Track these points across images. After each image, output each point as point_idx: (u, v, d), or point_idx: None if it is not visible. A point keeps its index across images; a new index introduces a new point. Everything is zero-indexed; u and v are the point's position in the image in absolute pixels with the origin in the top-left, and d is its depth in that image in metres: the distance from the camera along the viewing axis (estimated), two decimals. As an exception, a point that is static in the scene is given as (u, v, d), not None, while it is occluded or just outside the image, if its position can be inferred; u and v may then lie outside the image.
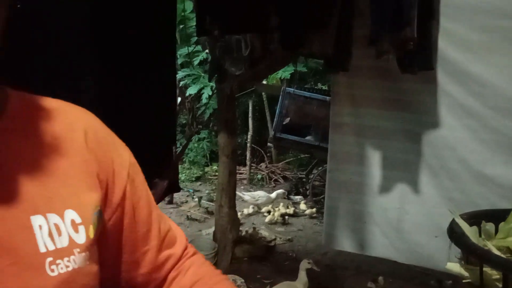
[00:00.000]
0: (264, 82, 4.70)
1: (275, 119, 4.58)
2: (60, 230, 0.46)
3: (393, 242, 2.45)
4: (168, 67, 2.93)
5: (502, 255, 1.03)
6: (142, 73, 2.45)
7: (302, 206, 4.30)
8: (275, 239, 3.38)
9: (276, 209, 4.08)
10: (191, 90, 5.78)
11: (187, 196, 4.86)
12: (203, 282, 0.61)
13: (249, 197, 4.22)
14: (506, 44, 2.07)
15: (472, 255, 1.04)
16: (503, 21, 2.04)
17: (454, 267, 1.12)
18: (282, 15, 1.83)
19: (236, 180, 3.14)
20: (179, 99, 5.42)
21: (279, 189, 5.41)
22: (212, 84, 4.37)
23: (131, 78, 2.36)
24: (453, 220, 1.14)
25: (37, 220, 0.44)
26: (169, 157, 2.95)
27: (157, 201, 2.78)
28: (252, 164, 6.25)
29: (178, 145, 6.80)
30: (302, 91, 4.47)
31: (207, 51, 4.29)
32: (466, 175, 2.19)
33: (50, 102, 0.54)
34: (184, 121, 7.42)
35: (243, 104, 6.52)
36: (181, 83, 6.09)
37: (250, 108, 5.94)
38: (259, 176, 5.88)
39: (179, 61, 6.39)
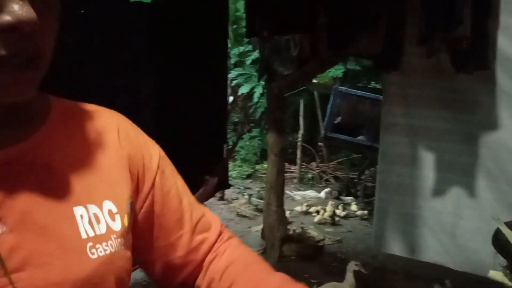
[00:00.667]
0: (316, 81, 4.67)
1: (326, 118, 4.54)
2: (99, 218, 0.52)
3: (447, 248, 2.36)
4: (220, 68, 3.02)
5: None
6: (195, 74, 2.54)
7: (353, 207, 4.24)
8: (323, 240, 3.36)
9: (326, 209, 4.05)
10: (243, 89, 5.88)
11: (238, 193, 4.95)
12: (237, 262, 0.64)
13: (299, 197, 4.23)
14: None
15: None
16: None
17: (497, 275, 1.07)
18: (329, 15, 1.82)
19: (285, 179, 3.16)
20: (231, 98, 5.55)
21: (332, 190, 5.37)
22: (263, 83, 4.42)
23: (184, 80, 2.46)
24: (498, 228, 1.09)
25: (78, 211, 0.51)
26: (220, 155, 3.04)
27: (208, 197, 2.88)
28: (303, 163, 6.24)
29: (230, 143, 6.95)
30: (354, 90, 4.40)
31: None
32: (526, 179, 2.07)
33: (86, 106, 0.60)
34: (236, 120, 7.56)
35: (294, 103, 6.52)
36: (234, 82, 6.21)
37: (301, 107, 5.93)
38: (310, 176, 5.86)
39: (232, 61, 6.53)
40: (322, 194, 4.19)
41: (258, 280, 0.61)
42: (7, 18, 0.40)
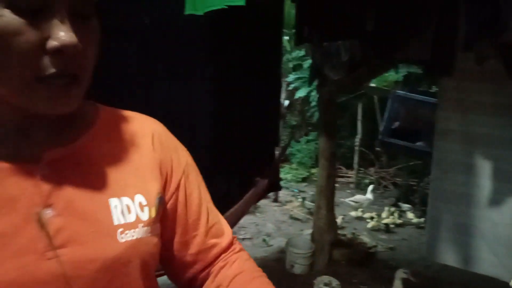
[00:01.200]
0: (374, 84, 4.59)
1: (383, 123, 4.45)
2: (130, 209, 0.61)
3: (504, 261, 2.25)
4: (273, 73, 3.08)
5: None
6: (249, 79, 2.63)
7: (410, 214, 4.12)
8: (375, 246, 3.31)
9: (380, 215, 3.98)
10: (300, 93, 5.91)
11: (292, 196, 4.98)
12: (244, 274, 0.71)
13: (351, 202, 4.19)
14: None
15: None
16: None
17: None
18: (377, 21, 1.83)
19: (341, 184, 3.16)
20: (287, 102, 5.60)
21: (388, 196, 5.24)
22: (319, 87, 4.43)
23: (239, 84, 2.56)
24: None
25: (113, 202, 0.61)
26: (271, 158, 3.10)
27: (258, 198, 2.95)
28: (361, 168, 6.13)
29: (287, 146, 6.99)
30: (413, 94, 4.27)
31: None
32: None
33: (127, 114, 0.70)
34: (294, 123, 7.60)
35: (353, 107, 6.43)
36: (291, 85, 6.26)
37: (359, 110, 5.83)
38: (367, 181, 5.75)
39: (291, 65, 6.58)
40: (369, 195, 4.11)
41: None
42: (54, 43, 0.50)
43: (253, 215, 4.29)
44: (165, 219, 0.68)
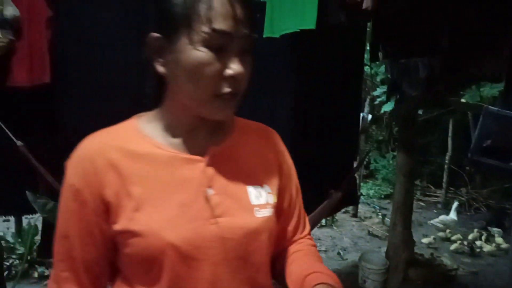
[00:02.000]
0: (463, 100, 4.36)
1: (473, 141, 4.19)
2: (261, 194, 0.83)
3: None
4: (354, 88, 3.12)
5: None
6: (329, 93, 2.72)
7: (499, 239, 3.83)
8: (457, 269, 3.15)
9: (467, 238, 3.76)
10: (386, 107, 5.78)
11: (372, 212, 4.90)
12: (303, 251, 0.92)
13: (436, 223, 4.01)
14: None
15: None
16: None
17: None
18: (451, 37, 1.83)
19: (413, 200, 3.09)
20: (370, 116, 5.51)
21: (478, 218, 4.91)
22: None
23: (319, 98, 2.65)
24: None
25: (250, 188, 0.83)
26: (348, 171, 3.13)
27: (332, 211, 3.00)
28: (451, 188, 5.81)
29: (372, 161, 6.86)
30: (508, 111, 3.98)
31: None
32: None
33: (251, 123, 0.92)
34: (381, 138, 7.42)
35: (444, 123, 6.13)
36: (378, 99, 6.16)
37: (450, 127, 5.55)
38: (456, 202, 5.43)
39: (378, 78, 6.48)
40: (453, 215, 3.89)
41: (311, 263, 0.87)
42: (230, 72, 0.73)
43: (330, 228, 4.31)
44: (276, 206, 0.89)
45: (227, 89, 0.74)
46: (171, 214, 0.75)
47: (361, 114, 4.77)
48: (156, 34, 0.75)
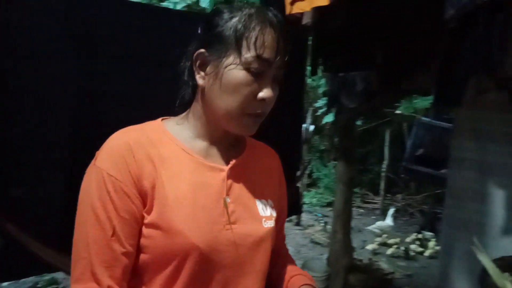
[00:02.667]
0: (399, 111, 4.63)
1: (407, 150, 4.46)
2: (266, 207, 0.93)
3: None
4: (297, 101, 3.21)
5: None
6: (274, 105, 2.77)
7: (432, 243, 4.07)
8: (393, 273, 3.31)
9: (401, 242, 3.96)
10: (328, 118, 5.99)
11: (315, 220, 5.02)
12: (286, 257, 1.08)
13: (373, 228, 4.19)
14: None
15: None
16: None
17: None
18: (385, 53, 1.94)
19: (352, 207, 3.20)
20: (312, 127, 5.69)
21: (414, 223, 5.18)
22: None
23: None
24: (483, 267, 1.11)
25: (258, 201, 0.93)
26: (291, 181, 3.20)
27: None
28: (388, 195, 6.10)
29: (314, 170, 7.04)
30: (438, 122, 4.28)
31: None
32: None
33: (257, 141, 1.02)
34: (323, 148, 7.65)
35: (381, 133, 6.44)
36: (320, 111, 6.36)
37: (387, 137, 5.85)
38: (393, 208, 5.70)
39: (320, 90, 6.70)
40: (389, 221, 4.10)
41: (294, 267, 1.04)
42: (262, 94, 0.84)
43: (275, 237, 4.36)
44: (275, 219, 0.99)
45: (257, 110, 0.84)
46: (196, 215, 0.82)
47: (304, 125, 4.91)
48: (203, 50, 0.86)
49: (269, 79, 0.84)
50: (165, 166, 0.83)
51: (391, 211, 4.44)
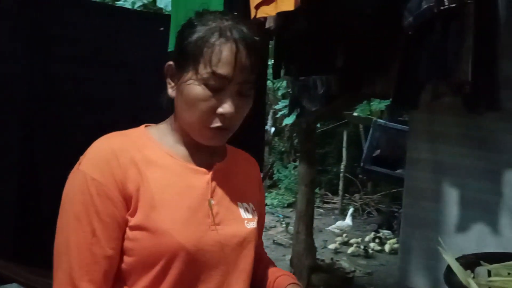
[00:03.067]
0: (356, 113, 4.76)
1: (364, 151, 4.59)
2: (248, 210, 0.95)
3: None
4: (258, 103, 3.23)
5: None
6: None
7: (390, 240, 4.21)
8: (354, 271, 3.39)
9: (361, 241, 4.07)
10: (288, 120, 6.06)
11: (277, 221, 5.06)
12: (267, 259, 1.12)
13: (333, 228, 4.27)
14: None
15: None
16: None
17: None
18: (346, 58, 1.98)
19: (314, 208, 3.26)
20: (273, 129, 5.75)
21: (371, 222, 5.34)
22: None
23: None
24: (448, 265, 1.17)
25: (240, 204, 0.94)
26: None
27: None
28: (346, 195, 6.25)
29: (275, 172, 7.09)
30: (394, 124, 4.44)
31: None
32: (550, 220, 2.05)
33: (239, 150, 1.04)
34: (283, 149, 7.74)
35: (339, 134, 6.59)
36: (280, 113, 6.43)
37: (345, 138, 6.00)
38: (352, 207, 5.85)
39: (280, 92, 6.77)
40: (348, 221, 4.21)
41: (277, 268, 1.07)
42: (221, 110, 0.83)
43: (237, 239, 4.35)
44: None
45: (217, 124, 0.84)
46: (182, 216, 0.84)
47: (265, 127, 4.94)
48: (171, 63, 0.88)
49: (230, 94, 0.84)
50: (150, 169, 0.85)
51: (351, 210, 4.56)
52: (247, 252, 0.92)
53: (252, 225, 0.94)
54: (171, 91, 0.89)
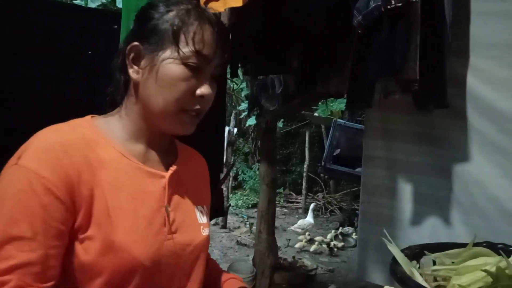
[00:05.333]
0: (316, 114, 4.84)
1: (325, 150, 4.67)
2: (203, 214, 0.93)
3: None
4: (218, 102, 3.22)
5: (422, 281, 1.10)
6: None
7: (351, 237, 4.29)
8: (316, 269, 3.43)
9: (322, 239, 4.12)
10: (251, 121, 6.09)
11: (241, 222, 5.06)
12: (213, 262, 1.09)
13: (296, 228, 4.31)
14: (536, 80, 2.04)
15: (395, 279, 1.14)
16: (534, 58, 2.02)
17: None
18: (301, 58, 2.00)
19: (275, 208, 3.28)
20: (236, 130, 5.74)
21: (334, 220, 5.42)
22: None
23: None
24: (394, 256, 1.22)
25: (196, 209, 0.91)
26: (215, 184, 3.19)
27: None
28: (309, 194, 6.33)
29: (240, 173, 7.08)
30: (353, 123, 4.54)
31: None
32: (496, 213, 2.14)
33: (188, 147, 1.01)
34: (247, 150, 7.75)
35: (302, 135, 6.67)
36: (243, 114, 6.43)
37: (307, 138, 6.07)
38: (312, 204, 5.93)
39: (243, 93, 6.78)
40: (310, 219, 4.28)
41: (223, 272, 1.06)
42: (199, 91, 0.81)
43: (200, 241, 4.32)
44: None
45: (195, 106, 0.82)
46: (138, 228, 0.78)
47: (228, 128, 4.93)
48: (137, 43, 0.82)
49: (207, 76, 0.83)
50: (104, 172, 0.77)
51: (312, 206, 4.61)
52: (200, 261, 0.89)
53: (207, 231, 0.91)
54: (135, 75, 0.82)
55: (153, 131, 0.86)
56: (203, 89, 0.82)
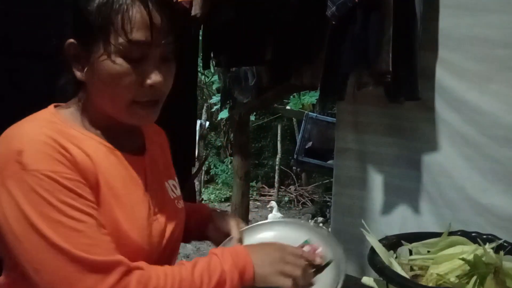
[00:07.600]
0: (288, 107, 4.86)
1: (297, 143, 4.70)
2: (176, 187, 0.95)
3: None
4: (189, 96, 3.16)
5: (401, 271, 1.12)
6: (165, 101, 2.69)
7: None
8: (288, 261, 3.45)
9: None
10: (223, 115, 6.04)
11: (213, 216, 5.04)
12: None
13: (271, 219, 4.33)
14: (502, 72, 2.09)
15: (374, 269, 1.16)
16: (499, 51, 2.08)
17: (369, 281, 1.30)
18: (274, 49, 1.99)
19: (249, 201, 3.27)
20: (207, 123, 5.70)
21: (306, 212, 5.48)
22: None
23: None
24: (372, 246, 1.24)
25: (167, 184, 0.92)
26: (186, 178, 3.15)
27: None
28: (282, 187, 6.36)
29: (212, 167, 7.03)
30: (324, 116, 4.58)
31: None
32: (463, 204, 2.20)
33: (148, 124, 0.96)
34: (219, 144, 7.70)
35: (274, 128, 6.68)
36: (215, 107, 6.38)
37: (279, 131, 6.09)
38: (287, 199, 5.97)
39: (215, 86, 6.71)
40: (275, 212, 4.33)
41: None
42: (149, 81, 0.77)
43: (172, 236, 4.27)
44: None
45: (147, 98, 0.78)
46: (134, 213, 0.80)
47: (199, 121, 4.88)
48: (72, 41, 0.77)
49: (154, 61, 0.76)
50: (96, 162, 0.77)
51: (273, 203, 4.64)
52: (180, 232, 0.92)
53: (182, 204, 0.94)
54: (79, 75, 0.77)
55: (116, 120, 0.83)
56: (153, 78, 0.76)
